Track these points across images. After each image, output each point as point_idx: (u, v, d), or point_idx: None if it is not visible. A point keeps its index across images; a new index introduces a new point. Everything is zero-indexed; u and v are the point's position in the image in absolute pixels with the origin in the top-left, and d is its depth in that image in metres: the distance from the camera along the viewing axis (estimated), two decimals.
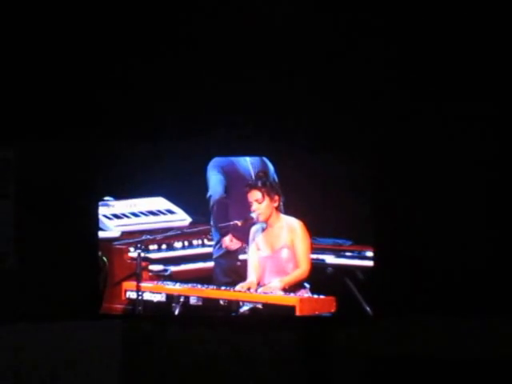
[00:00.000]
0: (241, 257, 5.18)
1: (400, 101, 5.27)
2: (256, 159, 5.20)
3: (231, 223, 5.12)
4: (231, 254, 5.19)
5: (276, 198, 5.07)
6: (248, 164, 5.18)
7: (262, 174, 5.10)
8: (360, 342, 5.16)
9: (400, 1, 5.24)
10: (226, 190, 5.17)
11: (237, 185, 5.15)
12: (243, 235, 5.15)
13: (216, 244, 5.23)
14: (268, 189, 5.06)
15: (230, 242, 5.19)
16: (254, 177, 5.12)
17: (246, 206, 5.07)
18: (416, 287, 5.19)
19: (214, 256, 5.23)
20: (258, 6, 5.24)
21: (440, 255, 5.22)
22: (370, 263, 5.10)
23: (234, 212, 5.14)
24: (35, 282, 5.16)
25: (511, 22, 5.21)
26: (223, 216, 5.15)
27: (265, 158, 5.18)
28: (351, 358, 5.15)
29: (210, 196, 5.17)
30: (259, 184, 5.06)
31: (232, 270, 5.18)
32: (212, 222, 5.17)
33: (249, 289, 5.06)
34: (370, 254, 5.11)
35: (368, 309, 5.11)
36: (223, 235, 5.18)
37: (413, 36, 5.27)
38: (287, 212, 5.09)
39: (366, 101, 5.28)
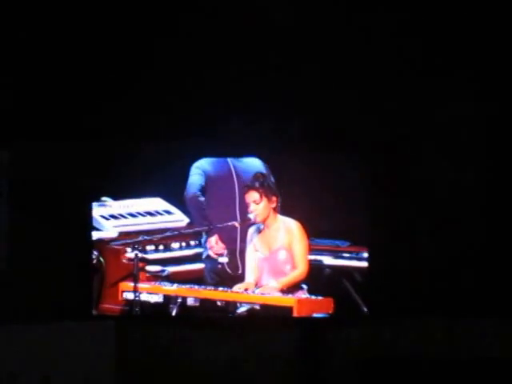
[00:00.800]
0: (220, 260, 5.17)
1: (399, 101, 5.25)
2: (253, 160, 5.19)
3: (229, 224, 5.11)
4: (219, 256, 5.18)
5: (274, 198, 5.05)
6: (232, 167, 5.18)
7: (260, 175, 5.08)
8: (358, 342, 5.15)
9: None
10: (204, 190, 5.15)
11: (217, 187, 5.15)
12: (228, 237, 5.15)
13: (206, 244, 5.23)
14: (266, 190, 5.04)
15: (215, 243, 5.18)
16: (249, 177, 5.10)
17: (227, 208, 5.09)
18: (413, 288, 5.17)
19: (203, 257, 5.23)
20: (247, 4, 5.23)
21: (437, 256, 5.20)
22: (368, 264, 5.08)
23: (213, 213, 5.14)
24: (30, 282, 5.15)
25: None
26: (199, 216, 5.15)
27: (262, 159, 5.17)
28: (349, 359, 5.14)
29: (184, 196, 5.17)
30: (257, 185, 5.04)
31: (214, 272, 5.17)
32: (201, 223, 5.17)
33: (246, 290, 5.05)
34: (367, 255, 5.10)
35: (366, 310, 5.10)
36: (209, 236, 5.17)
37: (411, 34, 5.24)
38: (285, 213, 5.07)
39: (365, 101, 5.25)
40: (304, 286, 5.05)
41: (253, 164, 5.19)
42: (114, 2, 5.24)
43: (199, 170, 5.16)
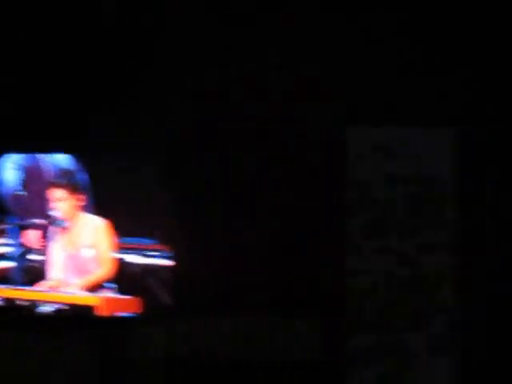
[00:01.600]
0: (32, 257, 5.09)
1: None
2: (62, 157, 5.11)
3: (33, 221, 5.02)
4: (26, 254, 5.09)
5: (80, 196, 5.00)
6: (49, 161, 5.10)
7: (66, 171, 5.02)
8: (164, 341, 5.15)
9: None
10: (23, 185, 5.06)
11: (36, 181, 5.07)
12: (43, 233, 5.06)
13: (14, 242, 5.11)
14: (72, 187, 4.99)
15: (34, 238, 5.09)
16: (55, 174, 5.03)
17: (47, 203, 5.00)
18: (218, 286, 5.19)
19: (12, 255, 5.11)
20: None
21: (243, 254, 5.24)
22: (173, 263, 5.10)
23: (34, 209, 5.05)
24: None
25: None
26: (20, 212, 5.05)
27: (71, 156, 5.10)
28: (156, 358, 5.13)
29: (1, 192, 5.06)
30: (62, 182, 4.98)
31: (25, 269, 5.09)
32: (9, 219, 5.07)
33: (51, 288, 4.98)
34: (173, 253, 5.11)
35: (171, 308, 5.09)
36: (22, 232, 5.08)
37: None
38: (92, 211, 5.02)
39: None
40: (110, 285, 5.02)
41: (61, 161, 5.11)
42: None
43: (14, 165, 5.06)
